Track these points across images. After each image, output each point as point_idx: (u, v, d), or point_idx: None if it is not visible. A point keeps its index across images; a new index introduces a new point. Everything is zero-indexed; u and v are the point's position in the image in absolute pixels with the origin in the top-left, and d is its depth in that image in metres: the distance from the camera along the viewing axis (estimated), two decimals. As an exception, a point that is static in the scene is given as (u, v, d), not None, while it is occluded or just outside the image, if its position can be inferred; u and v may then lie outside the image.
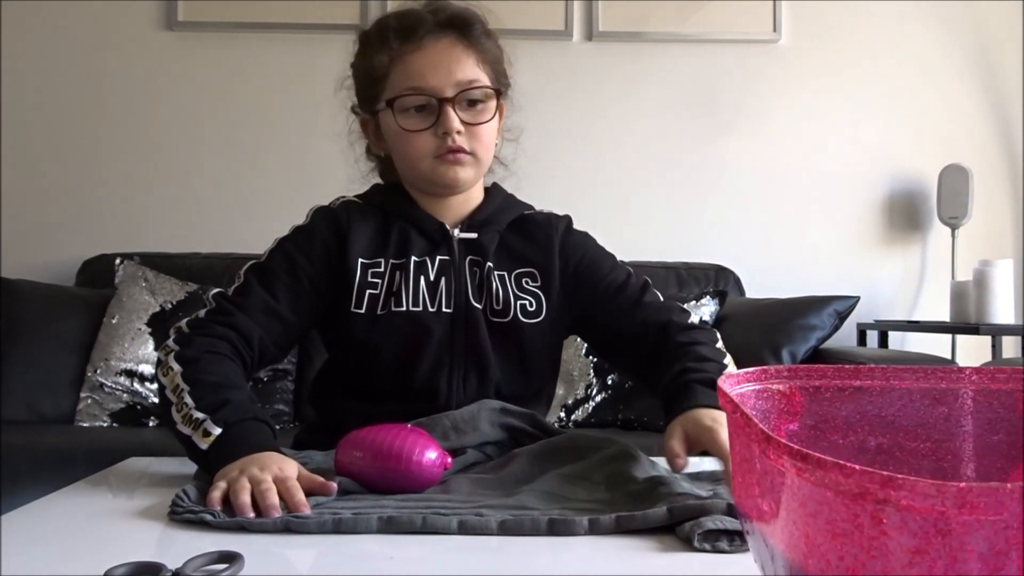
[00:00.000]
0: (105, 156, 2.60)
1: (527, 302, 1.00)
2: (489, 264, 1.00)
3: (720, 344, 1.01)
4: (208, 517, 0.66)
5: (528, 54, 2.84)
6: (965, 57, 2.69)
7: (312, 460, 0.87)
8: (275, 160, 2.61)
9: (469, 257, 1.00)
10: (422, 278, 0.97)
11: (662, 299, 1.08)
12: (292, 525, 0.65)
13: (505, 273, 1.01)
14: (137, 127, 2.61)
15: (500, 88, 1.03)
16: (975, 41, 2.69)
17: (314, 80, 2.57)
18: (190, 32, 2.61)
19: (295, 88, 2.61)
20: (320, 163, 2.50)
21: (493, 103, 1.01)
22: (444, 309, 0.97)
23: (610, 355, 1.16)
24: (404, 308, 0.96)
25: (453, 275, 0.99)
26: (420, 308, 0.96)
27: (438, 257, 0.99)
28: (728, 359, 0.98)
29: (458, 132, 0.96)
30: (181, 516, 0.67)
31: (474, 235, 1.01)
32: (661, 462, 0.85)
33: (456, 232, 1.02)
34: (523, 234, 1.06)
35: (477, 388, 0.98)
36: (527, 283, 1.01)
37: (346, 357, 1.03)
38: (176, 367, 0.86)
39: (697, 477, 0.82)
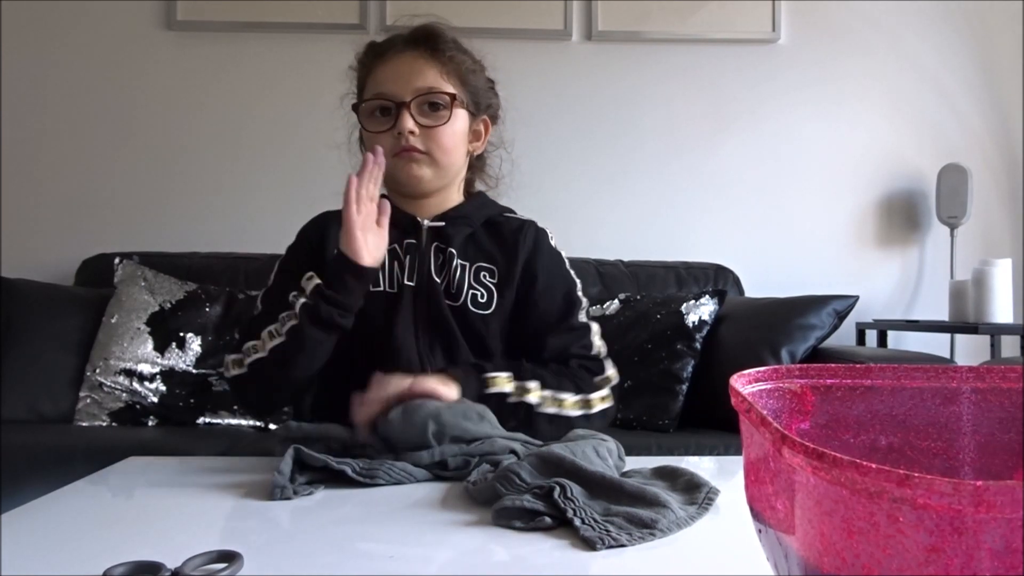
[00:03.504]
0: (104, 156, 2.59)
1: (479, 293, 1.10)
2: (452, 250, 1.10)
3: (594, 394, 1.07)
4: (348, 470, 0.79)
5: (527, 54, 2.84)
6: (965, 57, 2.69)
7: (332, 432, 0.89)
8: (274, 159, 2.61)
9: (435, 243, 1.11)
10: (395, 263, 1.09)
11: (594, 351, 1.13)
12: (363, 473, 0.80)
13: (467, 264, 1.11)
14: (136, 126, 2.60)
15: (468, 100, 1.13)
16: (975, 41, 2.69)
17: (313, 80, 2.57)
18: (189, 32, 2.61)
19: (294, 88, 2.61)
20: (319, 162, 2.49)
21: (455, 111, 1.10)
22: (407, 282, 1.08)
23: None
24: (381, 288, 1.08)
25: (418, 255, 1.09)
26: (395, 289, 1.08)
27: (406, 241, 1.10)
28: (570, 405, 1.04)
29: (411, 132, 1.07)
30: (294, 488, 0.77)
31: (441, 223, 1.12)
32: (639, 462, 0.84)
33: (426, 222, 1.12)
34: (494, 234, 1.15)
35: (443, 361, 1.07)
36: (484, 276, 1.11)
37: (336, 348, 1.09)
38: (250, 344, 1.03)
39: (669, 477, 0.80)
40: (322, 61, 2.57)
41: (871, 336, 2.56)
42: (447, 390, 0.94)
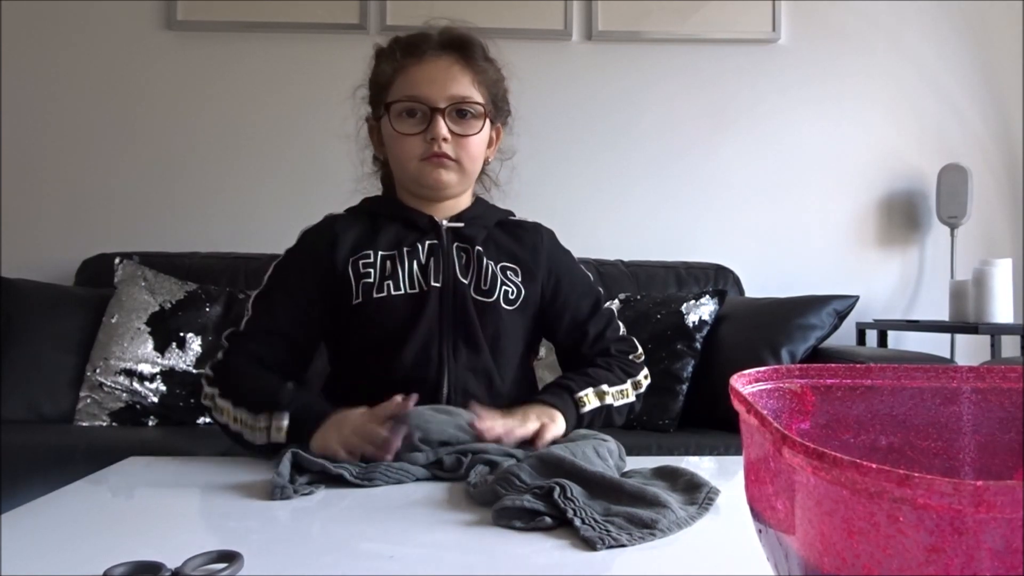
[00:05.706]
0: (104, 156, 2.59)
1: (510, 289, 1.10)
2: (479, 249, 1.10)
3: (640, 375, 1.15)
4: (345, 474, 0.80)
5: (527, 54, 2.85)
6: (965, 57, 2.69)
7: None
8: (274, 159, 2.61)
9: (456, 243, 1.10)
10: (415, 263, 1.07)
11: (621, 332, 1.19)
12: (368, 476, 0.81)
13: (492, 261, 1.10)
14: (136, 126, 2.60)
15: (492, 109, 1.13)
16: (975, 41, 2.69)
17: (313, 80, 2.58)
18: (189, 32, 2.61)
19: (294, 88, 2.61)
20: (320, 162, 2.51)
21: (484, 120, 1.11)
22: (433, 284, 1.06)
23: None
24: (403, 291, 1.05)
25: (441, 255, 1.08)
26: (416, 289, 1.06)
27: (427, 242, 1.09)
28: (628, 392, 1.13)
29: (444, 139, 1.06)
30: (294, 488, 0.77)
31: (460, 224, 1.12)
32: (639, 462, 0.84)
33: (445, 222, 1.11)
34: (510, 234, 1.16)
35: (467, 361, 1.06)
36: (510, 275, 1.11)
37: (350, 357, 1.10)
38: (223, 403, 0.98)
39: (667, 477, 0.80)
40: (322, 61, 2.58)
41: (871, 336, 2.56)
42: (556, 427, 0.98)
